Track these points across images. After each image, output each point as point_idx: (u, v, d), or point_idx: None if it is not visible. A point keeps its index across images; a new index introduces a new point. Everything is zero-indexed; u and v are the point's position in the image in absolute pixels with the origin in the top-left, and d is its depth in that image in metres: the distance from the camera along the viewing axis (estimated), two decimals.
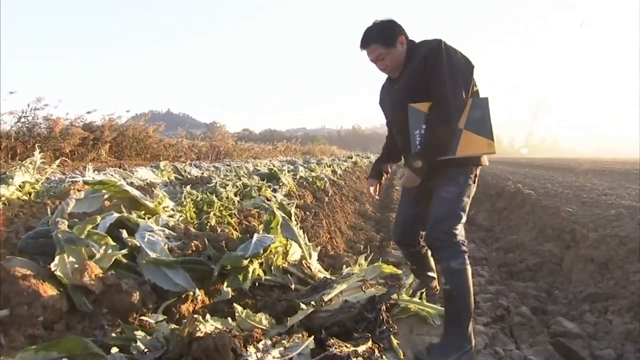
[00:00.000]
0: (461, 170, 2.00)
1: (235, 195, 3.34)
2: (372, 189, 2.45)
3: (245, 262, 1.91)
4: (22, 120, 9.70)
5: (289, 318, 1.75)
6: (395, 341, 1.88)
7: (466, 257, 1.90)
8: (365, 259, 2.68)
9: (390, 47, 2.03)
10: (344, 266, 2.75)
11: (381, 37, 2.04)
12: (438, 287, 2.47)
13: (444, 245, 1.89)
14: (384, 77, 2.28)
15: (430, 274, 2.43)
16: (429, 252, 2.35)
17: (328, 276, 2.42)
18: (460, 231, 1.92)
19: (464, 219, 1.95)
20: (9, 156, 8.91)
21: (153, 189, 3.05)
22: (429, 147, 1.94)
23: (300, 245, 2.42)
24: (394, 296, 2.21)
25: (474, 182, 2.04)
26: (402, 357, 1.81)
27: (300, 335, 1.54)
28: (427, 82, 1.93)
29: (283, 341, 1.45)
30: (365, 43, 2.07)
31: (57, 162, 3.58)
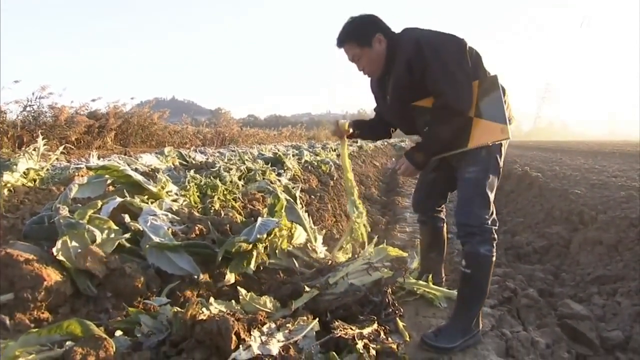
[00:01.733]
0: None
1: (240, 180, 3.32)
2: (342, 122, 2.24)
3: (249, 246, 1.90)
4: (28, 109, 9.72)
5: (293, 301, 1.74)
6: (401, 323, 1.87)
7: (495, 244, 1.83)
8: (371, 242, 2.67)
9: (365, 47, 1.89)
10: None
11: (355, 35, 1.90)
12: (444, 276, 2.44)
13: (475, 231, 1.80)
14: None
15: (435, 254, 2.38)
16: (444, 230, 2.31)
17: (333, 258, 2.41)
18: (490, 213, 1.83)
19: (492, 197, 1.84)
20: (16, 145, 8.95)
21: (157, 174, 3.05)
22: (431, 145, 1.87)
23: (305, 229, 2.40)
24: (400, 279, 2.20)
25: (500, 154, 1.88)
26: (407, 339, 1.80)
27: (305, 318, 1.54)
28: (420, 88, 1.81)
29: (288, 324, 1.44)
30: (340, 41, 1.93)
31: (61, 148, 3.57)
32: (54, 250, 1.48)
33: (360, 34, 1.89)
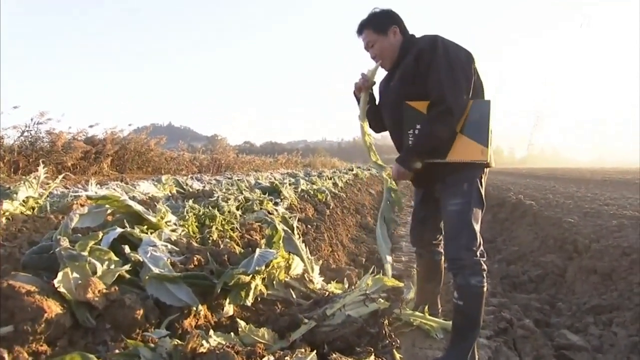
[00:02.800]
0: (462, 176, 1.90)
1: (237, 209, 3.35)
2: (370, 70, 2.17)
3: (248, 278, 1.91)
4: (25, 134, 9.79)
5: (291, 333, 1.74)
6: (397, 355, 1.87)
7: (485, 275, 1.87)
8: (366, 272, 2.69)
9: (381, 35, 2.03)
10: (346, 280, 2.76)
11: (373, 22, 2.05)
12: (440, 307, 2.46)
13: (465, 264, 1.85)
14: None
15: (432, 286, 2.41)
16: (441, 262, 2.34)
17: (330, 290, 2.42)
18: (478, 245, 1.88)
19: (478, 229, 1.88)
20: (12, 170, 8.95)
21: (155, 203, 3.07)
22: (420, 146, 1.90)
23: (302, 260, 2.42)
24: (397, 310, 2.20)
25: (482, 185, 1.93)
26: None
27: (302, 350, 1.54)
28: (422, 82, 1.87)
29: (286, 357, 1.44)
30: (359, 28, 2.08)
31: (61, 177, 3.60)
32: (55, 282, 1.49)
33: (378, 22, 2.06)
